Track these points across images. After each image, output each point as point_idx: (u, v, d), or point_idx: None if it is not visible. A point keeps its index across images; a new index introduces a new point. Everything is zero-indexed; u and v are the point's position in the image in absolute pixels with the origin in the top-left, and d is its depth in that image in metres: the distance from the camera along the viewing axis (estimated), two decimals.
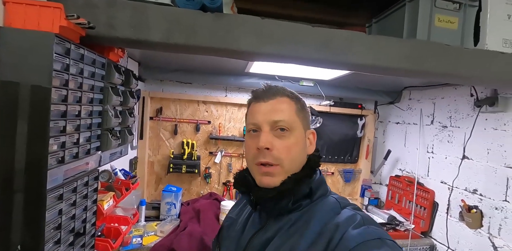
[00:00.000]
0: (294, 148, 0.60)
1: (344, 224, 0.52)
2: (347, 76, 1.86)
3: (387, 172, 2.41)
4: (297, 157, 0.61)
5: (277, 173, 0.59)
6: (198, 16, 0.94)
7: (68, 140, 0.86)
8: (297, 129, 0.61)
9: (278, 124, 0.60)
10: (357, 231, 0.50)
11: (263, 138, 0.59)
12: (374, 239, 0.48)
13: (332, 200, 0.61)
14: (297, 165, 0.61)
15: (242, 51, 0.98)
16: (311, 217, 0.57)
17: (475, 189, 1.63)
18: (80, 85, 0.89)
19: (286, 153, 0.59)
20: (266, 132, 0.60)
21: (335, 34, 1.04)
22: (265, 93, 0.63)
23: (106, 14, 0.90)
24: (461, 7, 1.19)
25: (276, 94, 0.63)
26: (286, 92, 0.65)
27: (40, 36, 0.72)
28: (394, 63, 1.10)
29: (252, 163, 0.61)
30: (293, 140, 0.60)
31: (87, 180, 1.01)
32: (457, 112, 1.80)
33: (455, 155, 1.78)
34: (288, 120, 0.60)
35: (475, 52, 1.18)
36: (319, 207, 0.59)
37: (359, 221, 0.53)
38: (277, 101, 0.62)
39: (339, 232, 0.51)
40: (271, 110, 0.61)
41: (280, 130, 0.60)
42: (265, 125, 0.60)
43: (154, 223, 1.78)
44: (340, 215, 0.55)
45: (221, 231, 0.74)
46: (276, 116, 0.60)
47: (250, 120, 0.64)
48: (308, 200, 0.60)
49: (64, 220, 0.87)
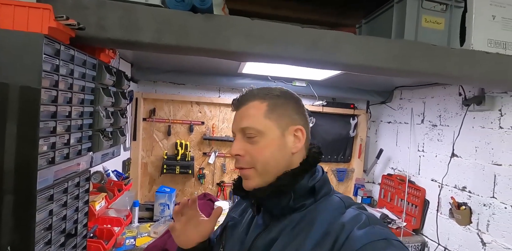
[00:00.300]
0: (266, 151, 0.60)
1: (350, 224, 0.52)
2: (339, 77, 1.88)
3: (379, 171, 2.44)
4: (271, 158, 0.60)
5: (251, 175, 0.61)
6: (188, 17, 0.95)
7: (59, 141, 0.86)
8: (268, 132, 0.60)
9: (246, 132, 0.61)
10: (362, 231, 0.50)
11: (234, 145, 0.62)
12: (380, 239, 0.48)
13: (336, 199, 0.60)
14: (274, 166, 0.60)
15: (233, 51, 0.99)
16: (315, 217, 0.56)
17: (464, 186, 1.67)
18: (71, 86, 0.89)
19: (258, 156, 0.60)
20: (238, 139, 0.63)
21: (324, 35, 1.06)
22: (239, 100, 0.65)
23: (96, 15, 0.90)
24: (447, 8, 1.22)
25: (247, 100, 0.63)
26: (259, 95, 0.63)
27: (29, 37, 0.72)
28: (383, 63, 1.12)
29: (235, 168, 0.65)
30: (264, 143, 0.60)
31: (79, 180, 1.01)
32: (446, 111, 1.84)
33: (444, 153, 1.81)
34: (255, 126, 0.60)
35: (461, 52, 1.21)
36: (323, 207, 0.58)
37: (364, 220, 0.52)
38: (246, 108, 0.63)
39: (345, 232, 0.50)
40: (240, 118, 0.63)
41: (248, 137, 0.61)
42: (237, 133, 0.63)
43: (148, 224, 1.78)
44: (345, 215, 0.55)
45: (225, 230, 0.73)
46: (243, 124, 0.61)
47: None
48: (312, 199, 0.59)
49: (55, 220, 0.87)
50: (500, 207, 1.45)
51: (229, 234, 0.70)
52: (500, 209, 1.45)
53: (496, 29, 1.25)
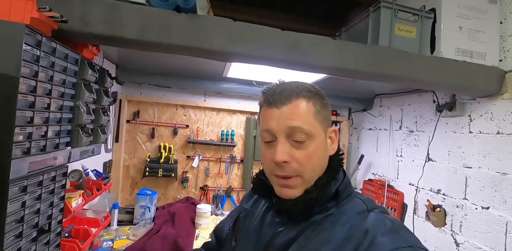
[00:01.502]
0: (315, 156, 0.56)
1: (374, 230, 0.50)
2: (322, 83, 1.95)
3: (361, 176, 2.49)
4: (318, 164, 0.57)
5: (297, 185, 0.56)
6: (172, 16, 0.99)
7: (36, 132, 0.86)
8: (317, 134, 0.56)
9: (296, 132, 0.55)
10: (387, 238, 0.48)
11: (279, 150, 0.54)
12: (405, 247, 0.46)
13: (358, 201, 0.58)
14: (318, 172, 0.58)
15: (214, 50, 1.03)
16: (337, 220, 0.54)
17: (439, 189, 1.72)
18: (51, 78, 0.90)
19: (306, 163, 0.55)
20: (282, 142, 0.55)
21: (302, 38, 1.12)
22: (278, 96, 0.56)
23: (80, 10, 0.92)
24: (418, 19, 1.31)
25: (290, 97, 0.56)
26: (303, 92, 0.57)
27: (10, 26, 0.74)
28: (358, 66, 1.18)
29: (270, 174, 0.58)
30: (314, 148, 0.55)
31: (55, 175, 1.00)
32: (422, 118, 1.92)
33: (420, 158, 1.88)
34: (307, 127, 0.55)
35: (431, 58, 1.29)
36: (345, 210, 0.56)
37: (388, 226, 0.50)
38: (292, 106, 0.56)
39: (368, 238, 0.49)
40: (286, 116, 0.55)
41: (296, 140, 0.55)
42: (280, 134, 0.55)
43: (127, 227, 1.75)
44: (368, 219, 0.53)
45: (237, 222, 0.70)
46: (293, 123, 0.55)
47: (263, 126, 0.59)
48: (334, 202, 0.57)
49: (27, 213, 0.85)
50: (471, 208, 1.51)
51: (241, 226, 0.68)
52: (472, 210, 1.51)
53: (463, 39, 1.34)
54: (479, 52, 1.37)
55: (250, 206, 0.71)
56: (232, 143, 2.21)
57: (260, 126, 0.61)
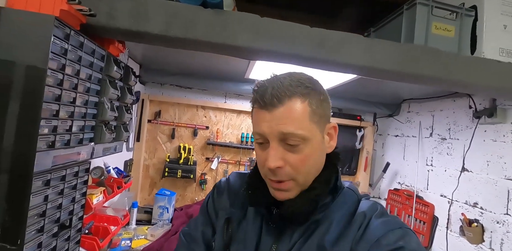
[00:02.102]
0: (310, 159, 0.53)
1: (369, 213, 0.54)
2: (347, 86, 1.88)
3: (385, 185, 2.36)
4: (313, 166, 0.55)
5: (291, 188, 0.54)
6: (198, 11, 0.97)
7: (61, 126, 0.85)
8: (312, 137, 0.53)
9: (288, 137, 0.51)
10: (380, 220, 0.52)
11: (271, 156, 0.51)
12: (397, 228, 0.50)
13: (349, 192, 0.60)
14: (314, 174, 0.56)
15: (239, 46, 1.00)
16: (334, 213, 0.56)
17: (475, 202, 1.59)
18: (77, 73, 0.90)
19: (301, 167, 0.53)
20: (275, 147, 0.51)
21: (331, 35, 1.06)
22: (269, 99, 0.51)
23: (107, 5, 0.92)
24: (457, 16, 1.23)
25: (283, 99, 0.51)
26: (297, 90, 0.51)
27: (40, 18, 0.74)
28: (389, 66, 1.11)
29: (264, 176, 0.57)
30: (309, 151, 0.52)
31: (77, 170, 0.99)
32: (456, 125, 1.79)
33: (454, 168, 1.75)
34: (300, 132, 0.51)
35: (471, 59, 1.19)
36: (340, 202, 0.58)
37: (379, 210, 0.55)
38: (284, 109, 0.51)
39: (366, 220, 0.53)
40: (279, 120, 0.51)
41: (289, 144, 0.51)
42: (272, 138, 0.51)
43: (145, 226, 1.73)
44: (362, 205, 0.56)
45: (230, 223, 0.63)
46: (286, 128, 0.50)
47: (255, 128, 0.55)
48: (330, 196, 0.57)
49: (50, 208, 0.85)
50: None
51: (235, 228, 0.62)
52: None
53: (508, 38, 1.24)
54: None
55: (239, 208, 0.64)
56: (252, 145, 2.17)
57: (253, 127, 0.57)
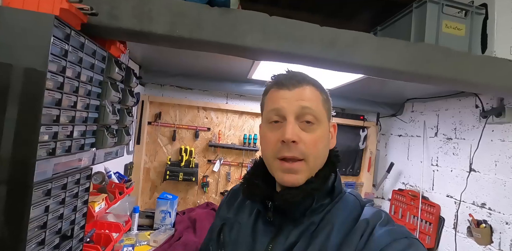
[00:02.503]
0: (321, 142, 0.55)
1: (373, 221, 0.52)
2: (350, 86, 1.84)
3: (389, 185, 2.34)
4: (322, 152, 0.56)
5: (301, 170, 0.54)
6: (204, 10, 0.92)
7: (61, 132, 0.81)
8: (323, 121, 0.56)
9: (306, 112, 0.54)
10: (385, 229, 0.50)
11: (289, 129, 0.52)
12: (402, 238, 0.48)
13: (351, 197, 0.58)
14: (321, 162, 0.57)
15: (247, 47, 0.96)
16: (335, 217, 0.54)
17: (483, 203, 1.57)
18: (78, 75, 0.85)
19: (313, 148, 0.54)
20: (292, 122, 0.53)
21: (342, 34, 1.03)
22: (290, 80, 0.57)
23: (108, 4, 0.88)
24: (467, 15, 1.20)
25: (302, 81, 0.57)
26: (312, 80, 0.59)
27: (39, 17, 0.69)
28: (401, 66, 1.08)
29: (273, 158, 0.55)
30: (320, 133, 0.55)
31: (79, 177, 0.95)
32: (462, 124, 1.77)
33: (461, 168, 1.73)
34: (316, 110, 0.55)
35: (483, 58, 1.17)
36: (341, 206, 0.56)
37: (384, 218, 0.52)
38: (303, 89, 0.56)
39: (369, 228, 0.50)
40: (298, 97, 0.55)
41: (306, 122, 0.54)
42: (290, 113, 0.54)
43: (147, 232, 1.69)
44: (365, 212, 0.54)
45: (222, 234, 0.65)
46: (304, 103, 0.54)
47: (271, 106, 0.57)
48: (329, 198, 0.56)
49: (51, 219, 0.81)
50: None
51: (227, 238, 0.63)
52: None
53: None
54: None
55: (233, 214, 0.66)
56: (254, 147, 2.13)
57: (266, 107, 0.59)
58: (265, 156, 0.58)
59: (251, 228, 0.60)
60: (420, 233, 1.90)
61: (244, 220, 0.62)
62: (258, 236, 0.58)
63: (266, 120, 0.58)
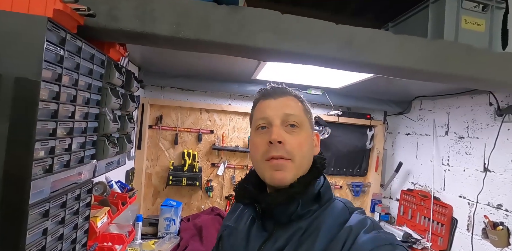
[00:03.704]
0: (305, 145, 0.59)
1: (357, 228, 0.52)
2: (358, 85, 1.78)
3: (397, 185, 2.28)
4: (307, 154, 0.60)
5: (288, 167, 0.57)
6: (211, 8, 0.85)
7: (59, 145, 0.74)
8: (305, 127, 0.61)
9: (290, 119, 0.59)
10: (369, 235, 0.50)
11: (275, 130, 0.58)
12: (386, 244, 0.49)
13: (339, 204, 0.60)
14: (306, 163, 0.60)
15: (258, 48, 0.89)
16: (322, 223, 0.56)
17: (499, 204, 1.52)
18: (75, 82, 0.78)
19: (298, 148, 0.58)
20: (277, 126, 0.59)
21: (359, 32, 0.96)
22: (274, 91, 0.64)
23: (107, 4, 0.80)
24: (487, 9, 1.13)
25: (285, 93, 0.64)
26: (293, 92, 0.66)
27: (30, 20, 0.62)
28: (420, 65, 1.02)
29: (262, 159, 0.59)
30: (304, 136, 0.60)
31: (79, 193, 0.88)
32: (474, 123, 1.71)
33: (474, 168, 1.68)
34: (299, 116, 0.61)
35: (504, 55, 1.10)
36: (328, 212, 0.58)
37: (369, 225, 0.53)
38: (287, 99, 0.63)
39: (352, 236, 0.51)
40: (282, 105, 0.61)
41: (290, 125, 0.59)
42: (276, 119, 0.60)
43: (152, 241, 1.62)
44: (351, 219, 0.55)
45: (221, 240, 0.70)
46: (288, 110, 0.60)
47: (258, 115, 0.63)
48: (317, 205, 0.59)
49: (50, 241, 0.74)
50: None
51: (226, 244, 0.68)
52: None
53: None
54: None
55: (233, 222, 0.70)
56: None
57: (255, 117, 0.65)
58: (255, 160, 0.62)
59: (246, 233, 0.63)
60: (432, 234, 1.86)
61: (242, 226, 0.66)
62: (251, 240, 0.61)
63: (254, 128, 0.64)
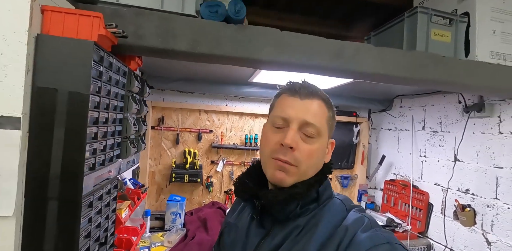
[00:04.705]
0: (315, 154, 0.58)
1: (353, 227, 0.53)
2: (345, 86, 1.96)
3: (381, 176, 2.50)
4: (315, 164, 0.59)
5: (291, 172, 0.57)
6: (221, 27, 0.99)
7: (98, 147, 0.86)
8: (323, 136, 0.59)
9: (308, 127, 0.57)
10: (366, 234, 0.51)
11: (290, 135, 0.56)
12: (384, 243, 0.49)
13: (337, 202, 0.60)
14: (312, 172, 0.60)
15: (262, 60, 1.04)
16: (319, 221, 0.56)
17: (467, 189, 1.74)
18: (108, 93, 0.90)
19: (307, 158, 0.57)
20: (294, 129, 0.57)
21: (346, 46, 1.12)
22: (303, 89, 0.60)
23: (133, 24, 0.93)
24: (453, 23, 1.32)
25: (314, 94, 0.60)
26: (323, 96, 0.62)
27: (79, 44, 0.74)
28: (398, 72, 1.19)
29: (269, 156, 0.58)
30: (317, 146, 0.58)
31: (109, 188, 1.01)
32: (446, 118, 1.94)
33: (446, 158, 1.90)
34: (319, 126, 0.58)
35: (467, 62, 1.30)
36: (326, 211, 0.58)
37: (366, 223, 0.53)
38: (313, 102, 0.59)
39: (348, 235, 0.51)
40: (306, 109, 0.58)
41: (306, 134, 0.57)
42: (294, 123, 0.57)
43: (160, 233, 1.75)
44: (348, 218, 0.56)
45: (222, 236, 0.72)
46: (309, 118, 0.57)
47: (278, 113, 0.60)
48: (315, 204, 0.59)
49: (93, 228, 0.86)
50: (503, 208, 1.53)
51: (226, 240, 0.69)
52: (504, 209, 1.53)
53: (496, 42, 1.36)
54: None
55: (234, 218, 0.71)
56: (255, 146, 2.23)
57: (274, 111, 0.62)
58: (263, 153, 0.61)
59: (246, 229, 0.64)
60: (412, 218, 2.08)
61: (242, 222, 0.66)
62: (250, 237, 0.62)
63: (271, 122, 0.61)
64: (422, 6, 1.27)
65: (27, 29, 0.68)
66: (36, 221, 0.72)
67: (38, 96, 0.71)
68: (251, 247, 0.60)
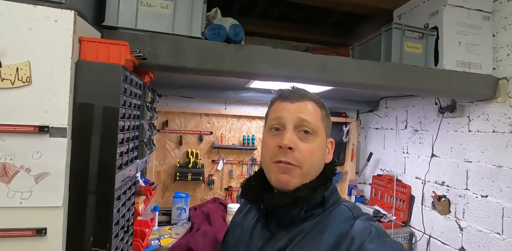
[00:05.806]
0: (316, 153, 0.59)
1: (360, 237, 0.52)
2: (334, 90, 2.15)
3: (370, 172, 2.71)
4: (316, 162, 0.59)
5: (294, 173, 0.57)
6: (223, 46, 1.17)
7: (123, 150, 1.04)
8: (320, 135, 0.60)
9: (304, 124, 0.58)
10: (373, 245, 0.50)
11: (287, 136, 0.57)
12: None
13: (344, 209, 0.59)
14: (315, 171, 0.60)
15: (259, 73, 1.22)
16: (325, 228, 0.56)
17: (443, 181, 1.95)
18: (130, 104, 1.08)
19: (308, 157, 0.57)
20: (290, 130, 0.58)
21: (330, 60, 1.31)
22: (293, 94, 0.62)
23: (150, 46, 1.10)
24: (423, 36, 1.52)
25: (304, 97, 0.62)
26: (313, 97, 0.64)
27: (110, 67, 0.91)
28: (375, 81, 1.39)
29: (270, 161, 0.59)
30: (316, 145, 0.59)
31: (130, 184, 1.18)
32: (425, 118, 2.14)
33: (425, 154, 2.11)
34: (314, 123, 0.59)
35: (436, 71, 1.50)
36: (332, 217, 0.58)
37: (373, 233, 0.52)
38: (304, 103, 0.61)
39: (355, 245, 0.50)
40: (299, 110, 0.60)
41: (304, 132, 0.58)
42: (290, 123, 0.59)
43: (167, 227, 1.93)
44: (354, 226, 0.54)
45: (227, 236, 0.73)
46: (303, 115, 0.59)
47: (273, 116, 0.62)
48: (320, 209, 0.59)
49: (120, 217, 1.04)
50: (472, 197, 1.74)
51: (231, 239, 0.70)
52: (473, 198, 1.74)
53: (462, 52, 1.56)
54: (476, 63, 1.58)
55: (240, 218, 0.72)
56: (253, 146, 2.41)
57: (270, 116, 0.64)
58: (264, 160, 0.62)
59: (251, 231, 0.64)
60: (396, 210, 2.29)
61: (247, 223, 0.67)
62: (254, 238, 0.62)
63: (268, 128, 0.63)
64: (397, 23, 1.46)
65: (70, 57, 0.85)
66: (78, 210, 0.90)
67: (79, 111, 0.89)
68: (254, 249, 0.60)
